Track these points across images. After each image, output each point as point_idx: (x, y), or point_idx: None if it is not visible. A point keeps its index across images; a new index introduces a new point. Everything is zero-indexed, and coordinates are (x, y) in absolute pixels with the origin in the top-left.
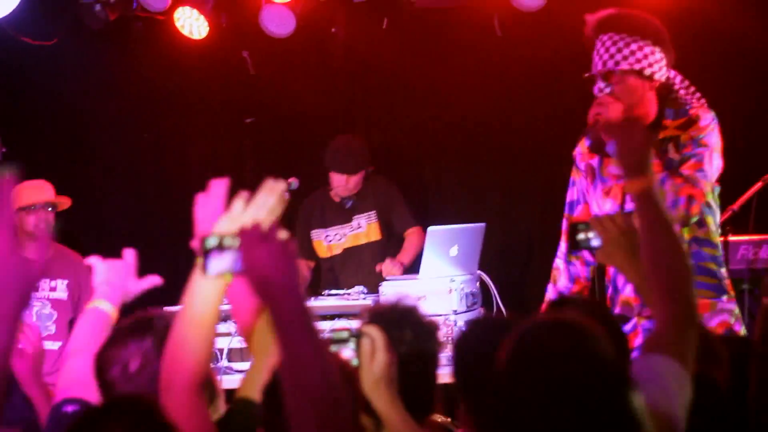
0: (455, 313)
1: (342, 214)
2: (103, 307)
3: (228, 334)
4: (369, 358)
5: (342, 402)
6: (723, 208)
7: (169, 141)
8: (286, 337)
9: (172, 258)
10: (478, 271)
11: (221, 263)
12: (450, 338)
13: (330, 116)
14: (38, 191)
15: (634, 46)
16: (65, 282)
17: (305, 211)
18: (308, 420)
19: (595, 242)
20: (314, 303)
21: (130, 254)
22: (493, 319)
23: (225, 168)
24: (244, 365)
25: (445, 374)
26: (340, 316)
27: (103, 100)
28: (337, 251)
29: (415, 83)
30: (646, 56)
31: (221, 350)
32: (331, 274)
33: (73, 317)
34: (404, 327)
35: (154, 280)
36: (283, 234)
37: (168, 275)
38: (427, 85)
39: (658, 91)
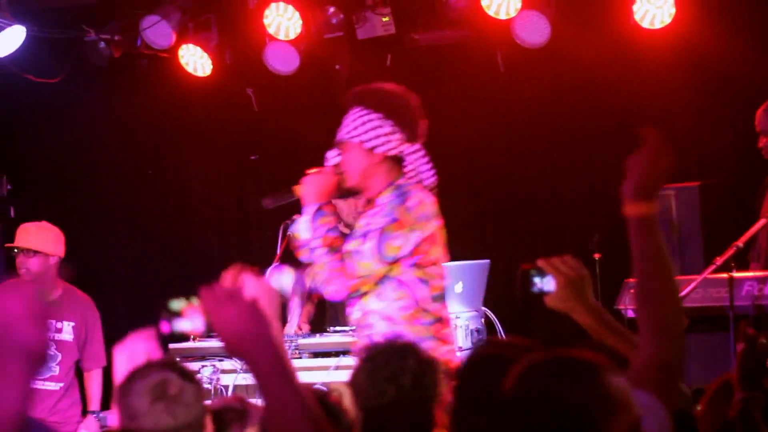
0: (460, 349)
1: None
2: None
3: (233, 371)
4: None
5: None
6: (728, 245)
7: (173, 177)
8: (266, 387)
9: (174, 294)
10: (483, 308)
11: (185, 325)
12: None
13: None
14: (19, 232)
15: (361, 120)
16: (71, 324)
17: None
18: None
19: (548, 286)
20: (320, 339)
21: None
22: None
23: (228, 205)
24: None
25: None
26: (345, 352)
27: (107, 137)
28: None
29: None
30: (372, 128)
31: (226, 386)
32: (332, 309)
33: (79, 358)
34: (406, 357)
35: None
36: (248, 290)
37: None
38: (431, 122)
39: (393, 164)
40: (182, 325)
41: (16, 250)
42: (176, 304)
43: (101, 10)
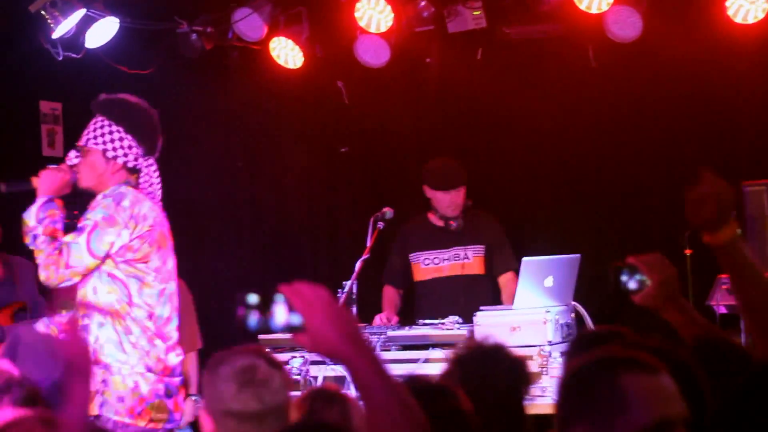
0: (550, 344)
1: (443, 239)
2: None
3: (323, 362)
4: None
5: None
6: None
7: (263, 170)
8: (365, 388)
9: (264, 282)
10: (573, 302)
11: (262, 321)
12: (544, 369)
13: (423, 146)
14: None
15: (105, 130)
16: None
17: (403, 236)
18: None
19: (639, 284)
20: (409, 332)
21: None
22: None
23: (318, 197)
24: None
25: (536, 405)
26: (434, 345)
27: (197, 129)
28: (433, 275)
29: (509, 114)
30: (112, 140)
31: (315, 377)
32: (425, 301)
33: None
34: (496, 362)
35: None
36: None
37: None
38: (521, 116)
39: (128, 174)
40: (262, 320)
41: None
42: (255, 299)
43: (193, 2)
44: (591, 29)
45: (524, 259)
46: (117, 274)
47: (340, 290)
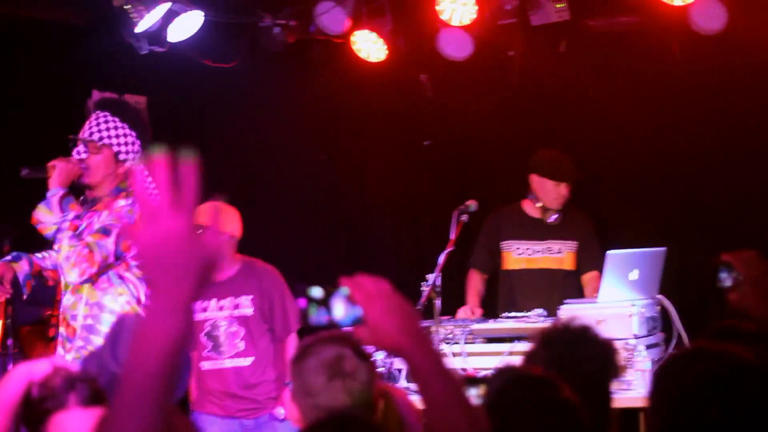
0: (635, 337)
1: (538, 230)
2: None
3: None
4: None
5: None
6: None
7: (345, 163)
8: (425, 384)
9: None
10: (659, 296)
11: (323, 315)
12: (630, 362)
13: (506, 139)
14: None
15: (121, 131)
16: (249, 297)
17: (493, 222)
18: None
19: (728, 282)
20: (493, 325)
21: None
22: None
23: (401, 190)
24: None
25: (622, 399)
26: (519, 338)
27: (280, 122)
28: (524, 266)
29: (591, 107)
30: (126, 143)
31: (400, 370)
32: (512, 290)
33: (270, 327)
34: (585, 344)
35: None
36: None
37: None
38: (604, 109)
39: (123, 176)
40: (324, 312)
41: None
42: (317, 291)
43: None
44: (675, 21)
45: (609, 252)
46: (128, 276)
47: (423, 283)
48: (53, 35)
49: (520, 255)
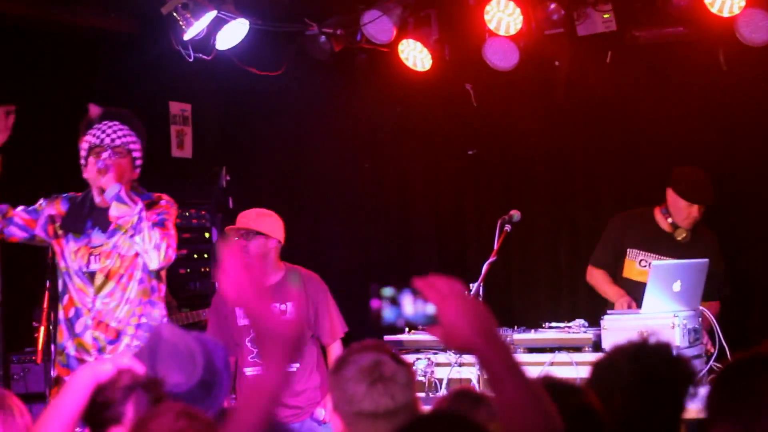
0: (677, 348)
1: (666, 245)
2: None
3: (448, 364)
4: None
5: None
6: None
7: (390, 171)
8: (499, 382)
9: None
10: (701, 307)
11: (395, 314)
12: None
13: (551, 149)
14: (239, 218)
15: (132, 138)
16: (291, 304)
17: (622, 226)
18: None
19: None
20: (535, 335)
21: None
22: None
23: (445, 199)
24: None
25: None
26: (560, 348)
27: (326, 130)
28: (645, 279)
29: (637, 117)
30: (138, 149)
31: (440, 380)
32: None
33: (313, 333)
34: (658, 359)
35: None
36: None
37: None
38: (650, 119)
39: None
40: (396, 313)
41: (243, 236)
42: (390, 291)
43: (323, 4)
44: (722, 32)
45: (653, 263)
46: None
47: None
48: (101, 43)
49: (643, 267)
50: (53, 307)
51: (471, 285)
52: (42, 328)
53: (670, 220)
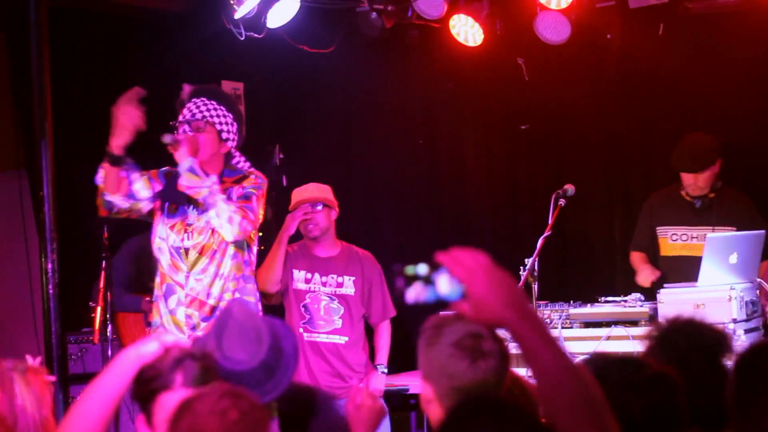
0: (735, 321)
1: (691, 215)
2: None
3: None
4: None
5: (599, 397)
6: None
7: (443, 146)
8: (533, 355)
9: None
10: (759, 279)
11: (420, 292)
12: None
13: (604, 123)
14: (300, 192)
15: (220, 112)
16: (352, 278)
17: (649, 206)
18: (583, 423)
19: None
20: (591, 309)
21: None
22: None
23: (499, 174)
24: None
25: None
26: (616, 322)
27: (378, 107)
28: (681, 252)
29: (690, 89)
30: (227, 123)
31: None
32: (671, 278)
33: (365, 312)
34: (698, 337)
35: None
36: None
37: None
38: (703, 92)
39: (225, 156)
40: (424, 290)
41: (317, 205)
42: (413, 269)
43: None
44: None
45: (708, 235)
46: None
47: (522, 267)
48: (153, 23)
49: (675, 241)
50: (109, 286)
51: (526, 260)
52: (98, 308)
53: (682, 191)
